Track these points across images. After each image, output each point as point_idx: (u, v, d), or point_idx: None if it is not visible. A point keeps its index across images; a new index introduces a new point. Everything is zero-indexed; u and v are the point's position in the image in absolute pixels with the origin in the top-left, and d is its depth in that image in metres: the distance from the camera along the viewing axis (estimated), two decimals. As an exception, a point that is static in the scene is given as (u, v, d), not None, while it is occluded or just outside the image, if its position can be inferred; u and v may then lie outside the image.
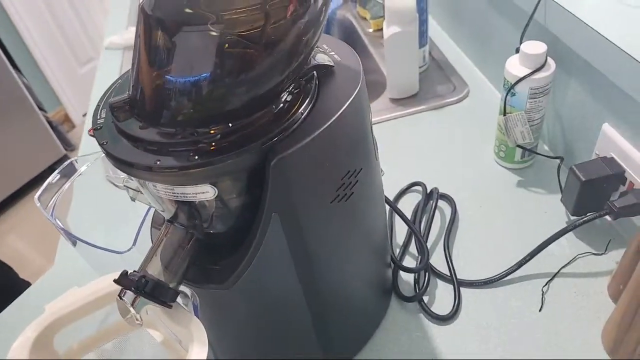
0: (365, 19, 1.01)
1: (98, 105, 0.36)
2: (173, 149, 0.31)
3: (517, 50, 0.59)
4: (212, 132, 0.31)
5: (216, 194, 0.33)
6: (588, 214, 0.51)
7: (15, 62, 2.12)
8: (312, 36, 0.32)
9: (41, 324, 0.36)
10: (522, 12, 0.63)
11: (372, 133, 0.40)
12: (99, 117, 0.35)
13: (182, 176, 0.31)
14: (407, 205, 0.63)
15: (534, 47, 0.55)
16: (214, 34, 0.30)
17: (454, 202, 0.62)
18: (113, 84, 0.38)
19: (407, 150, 0.71)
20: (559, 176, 0.60)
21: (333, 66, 0.37)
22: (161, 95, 0.32)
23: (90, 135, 0.34)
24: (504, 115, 0.60)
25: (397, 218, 0.62)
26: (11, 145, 2.03)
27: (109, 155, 0.32)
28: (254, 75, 0.31)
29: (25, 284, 0.78)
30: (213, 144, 0.31)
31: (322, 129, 0.33)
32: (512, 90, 0.57)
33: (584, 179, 0.51)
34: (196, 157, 0.30)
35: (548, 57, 0.56)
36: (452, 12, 0.89)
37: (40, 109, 2.19)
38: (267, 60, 0.31)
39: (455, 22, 0.89)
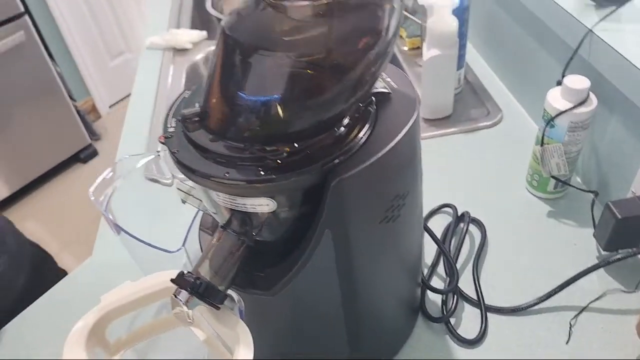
0: (401, 37, 1.03)
1: (167, 114, 0.38)
2: (241, 163, 0.33)
3: (559, 83, 0.60)
4: (278, 150, 0.33)
5: (275, 207, 0.35)
6: (620, 251, 0.52)
7: (50, 51, 2.17)
8: (380, 66, 0.34)
9: (98, 313, 0.38)
10: (564, 45, 0.64)
11: (420, 158, 0.42)
12: (169, 125, 0.37)
13: (248, 189, 0.33)
14: (436, 226, 0.65)
15: (578, 82, 0.56)
16: (287, 59, 0.32)
17: (484, 226, 0.63)
18: (181, 94, 0.40)
19: (438, 171, 0.72)
20: (592, 210, 0.60)
21: (390, 93, 0.39)
22: (233, 111, 0.34)
23: (161, 142, 0.36)
24: (541, 145, 0.61)
25: (426, 237, 0.64)
26: (39, 130, 2.08)
27: (179, 163, 0.34)
28: (322, 101, 0.33)
29: (62, 273, 0.80)
30: (279, 161, 0.33)
31: (380, 154, 0.34)
32: (551, 122, 0.58)
33: (620, 217, 0.52)
34: (262, 173, 0.32)
35: (590, 92, 0.57)
36: (490, 37, 0.90)
37: (70, 97, 2.23)
38: (336, 87, 0.33)
39: (492, 47, 0.90)
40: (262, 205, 0.35)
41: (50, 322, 0.60)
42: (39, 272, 0.72)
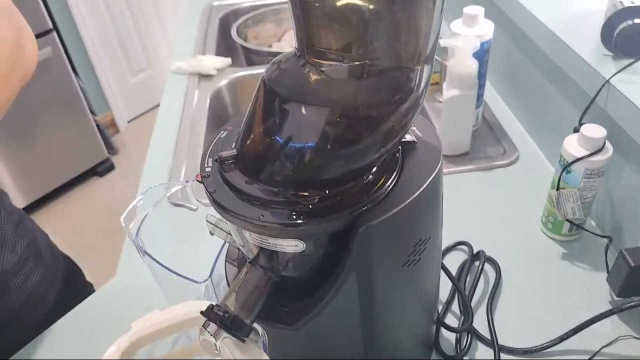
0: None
1: (205, 154, 0.40)
2: (275, 207, 0.35)
3: (576, 130, 0.62)
4: (310, 196, 0.35)
5: (304, 248, 0.37)
6: (634, 298, 0.53)
7: (74, 66, 2.23)
8: (410, 119, 0.36)
9: (130, 339, 0.39)
10: (582, 92, 0.66)
11: (442, 203, 0.44)
12: (206, 165, 0.39)
13: (280, 231, 0.35)
14: (452, 262, 0.66)
15: (594, 131, 0.58)
16: (322, 111, 0.34)
17: (499, 266, 0.64)
18: (218, 134, 0.42)
19: (455, 208, 0.73)
20: (606, 255, 0.61)
21: (416, 142, 0.41)
22: (268, 155, 0.36)
23: (198, 181, 0.39)
24: (557, 190, 0.62)
25: (441, 274, 0.65)
26: (60, 143, 2.13)
27: (216, 203, 0.36)
28: (354, 151, 0.35)
29: (90, 287, 0.82)
30: (310, 206, 0.35)
31: (405, 203, 0.36)
32: (568, 168, 0.60)
33: (633, 264, 0.53)
34: (295, 217, 0.34)
35: (606, 141, 0.59)
36: (508, 77, 0.92)
37: (91, 111, 2.29)
38: (368, 139, 0.35)
39: (510, 86, 0.92)
40: (291, 245, 0.37)
41: (75, 341, 0.62)
42: (70, 286, 0.74)
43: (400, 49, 0.32)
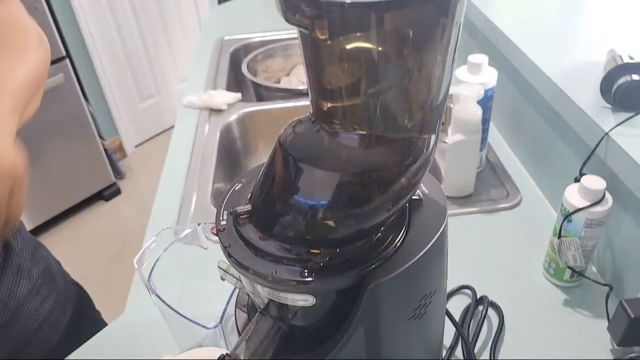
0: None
1: (221, 207, 0.42)
2: (287, 263, 0.37)
3: (577, 180, 0.63)
4: (321, 253, 0.37)
5: (314, 302, 0.38)
6: (635, 349, 0.54)
7: (85, 91, 2.28)
8: (420, 178, 0.38)
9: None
10: (582, 142, 0.68)
11: (447, 257, 0.45)
12: (221, 218, 0.41)
13: (291, 287, 0.37)
14: (455, 307, 0.67)
15: (594, 183, 0.60)
16: (334, 174, 0.36)
17: (502, 311, 0.65)
18: (232, 186, 0.44)
19: (458, 251, 0.74)
20: (606, 304, 0.62)
21: (422, 200, 0.43)
22: (282, 212, 0.38)
23: (213, 233, 0.40)
24: (559, 238, 0.64)
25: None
26: (67, 167, 2.16)
27: (231, 257, 0.38)
28: (364, 212, 0.37)
29: (97, 313, 0.83)
30: (322, 264, 0.36)
31: (412, 261, 0.38)
32: (569, 217, 0.62)
33: (633, 316, 0.54)
34: (306, 274, 0.36)
35: (606, 192, 0.61)
36: (512, 121, 0.95)
37: (99, 136, 2.33)
38: (378, 200, 0.37)
39: (514, 130, 0.94)
40: (302, 300, 0.38)
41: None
42: (81, 311, 0.76)
43: (408, 124, 0.35)
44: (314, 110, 0.37)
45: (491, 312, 0.66)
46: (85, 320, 0.77)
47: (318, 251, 0.37)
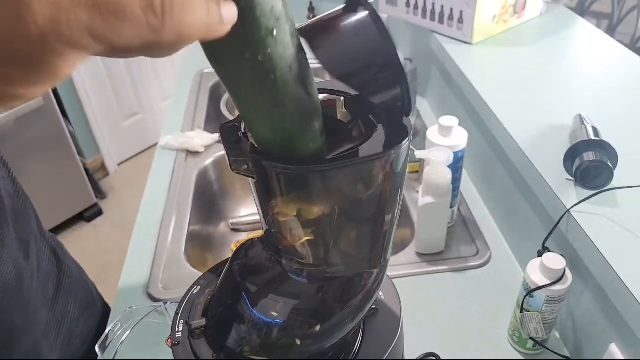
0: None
1: (177, 315, 0.43)
2: (238, 388, 0.37)
3: (540, 254, 0.65)
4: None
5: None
6: None
7: (65, 111, 2.26)
8: (367, 309, 0.38)
9: None
10: (547, 213, 0.69)
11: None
12: (177, 329, 0.42)
13: (243, 411, 0.37)
14: (421, 374, 0.68)
15: (554, 262, 0.61)
16: (285, 304, 0.37)
17: (466, 381, 0.66)
18: (190, 290, 0.44)
19: (425, 314, 0.76)
20: (566, 378, 0.64)
21: (378, 309, 0.43)
22: (236, 331, 0.38)
23: (168, 345, 0.41)
24: (521, 312, 0.65)
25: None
26: (47, 188, 2.13)
27: (183, 378, 0.38)
28: (322, 331, 0.37)
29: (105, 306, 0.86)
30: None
31: (364, 380, 0.38)
32: (531, 294, 0.63)
33: (588, 401, 0.55)
34: (257, 399, 0.36)
35: (567, 269, 0.62)
36: (485, 175, 0.96)
37: (80, 155, 2.31)
38: (334, 319, 0.37)
39: (486, 185, 0.96)
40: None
41: None
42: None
43: (356, 262, 0.35)
44: (265, 237, 0.37)
45: (456, 381, 0.67)
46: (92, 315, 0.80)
47: (269, 375, 0.37)
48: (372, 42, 0.27)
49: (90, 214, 2.29)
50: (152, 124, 2.76)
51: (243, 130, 0.32)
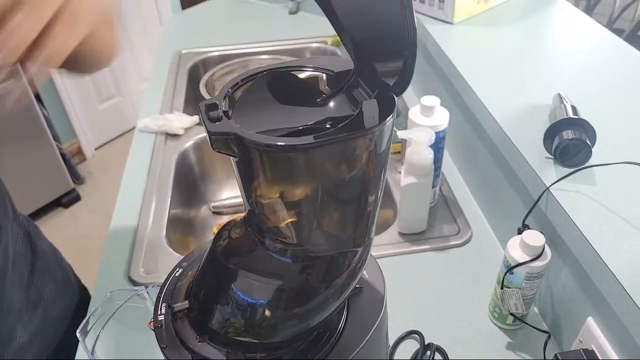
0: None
1: (159, 298, 0.42)
2: (224, 368, 0.37)
3: (519, 231, 0.66)
4: (260, 358, 0.37)
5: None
6: (567, 403, 0.57)
7: (39, 94, 2.20)
8: (351, 289, 0.38)
9: None
10: (526, 191, 0.70)
11: (386, 341, 0.46)
12: (159, 312, 0.41)
13: (228, 392, 0.37)
14: (402, 353, 0.69)
15: (534, 239, 0.62)
16: (267, 284, 0.37)
17: (447, 355, 0.68)
18: (173, 272, 0.44)
19: (408, 293, 0.77)
20: (544, 350, 0.65)
21: (362, 287, 0.43)
22: (217, 317, 0.38)
23: (150, 328, 0.40)
24: (502, 288, 0.66)
25: (394, 363, 0.68)
26: (22, 174, 2.08)
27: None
28: (304, 311, 0.37)
29: (83, 289, 0.85)
30: (258, 369, 0.37)
31: (351, 356, 0.39)
32: (511, 270, 0.64)
33: (566, 372, 0.57)
34: (243, 380, 0.36)
35: (546, 246, 0.63)
36: (466, 155, 0.97)
37: (56, 140, 2.25)
38: (319, 298, 0.37)
39: (468, 164, 0.97)
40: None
41: None
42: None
43: (339, 241, 0.35)
44: (247, 218, 0.37)
45: (438, 357, 0.69)
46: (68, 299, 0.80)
47: (255, 356, 0.37)
48: (393, 8, 0.27)
49: (67, 199, 2.25)
50: (129, 107, 2.70)
51: (224, 109, 0.32)
